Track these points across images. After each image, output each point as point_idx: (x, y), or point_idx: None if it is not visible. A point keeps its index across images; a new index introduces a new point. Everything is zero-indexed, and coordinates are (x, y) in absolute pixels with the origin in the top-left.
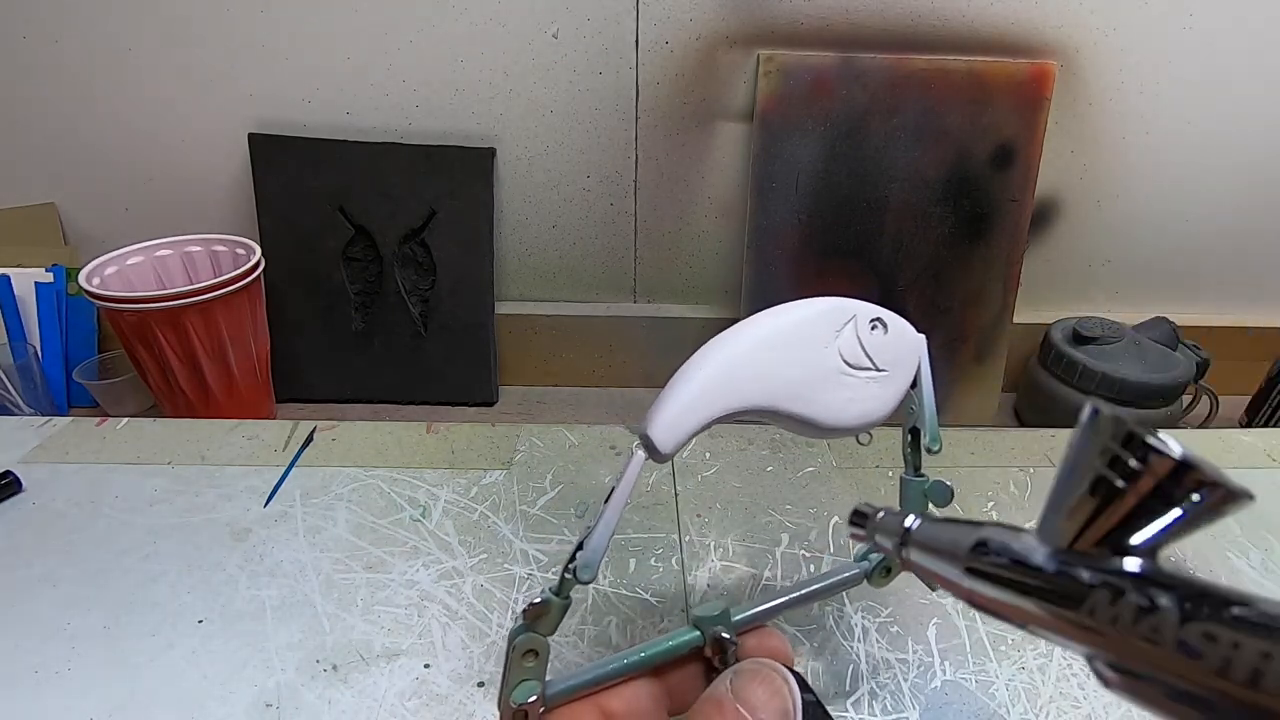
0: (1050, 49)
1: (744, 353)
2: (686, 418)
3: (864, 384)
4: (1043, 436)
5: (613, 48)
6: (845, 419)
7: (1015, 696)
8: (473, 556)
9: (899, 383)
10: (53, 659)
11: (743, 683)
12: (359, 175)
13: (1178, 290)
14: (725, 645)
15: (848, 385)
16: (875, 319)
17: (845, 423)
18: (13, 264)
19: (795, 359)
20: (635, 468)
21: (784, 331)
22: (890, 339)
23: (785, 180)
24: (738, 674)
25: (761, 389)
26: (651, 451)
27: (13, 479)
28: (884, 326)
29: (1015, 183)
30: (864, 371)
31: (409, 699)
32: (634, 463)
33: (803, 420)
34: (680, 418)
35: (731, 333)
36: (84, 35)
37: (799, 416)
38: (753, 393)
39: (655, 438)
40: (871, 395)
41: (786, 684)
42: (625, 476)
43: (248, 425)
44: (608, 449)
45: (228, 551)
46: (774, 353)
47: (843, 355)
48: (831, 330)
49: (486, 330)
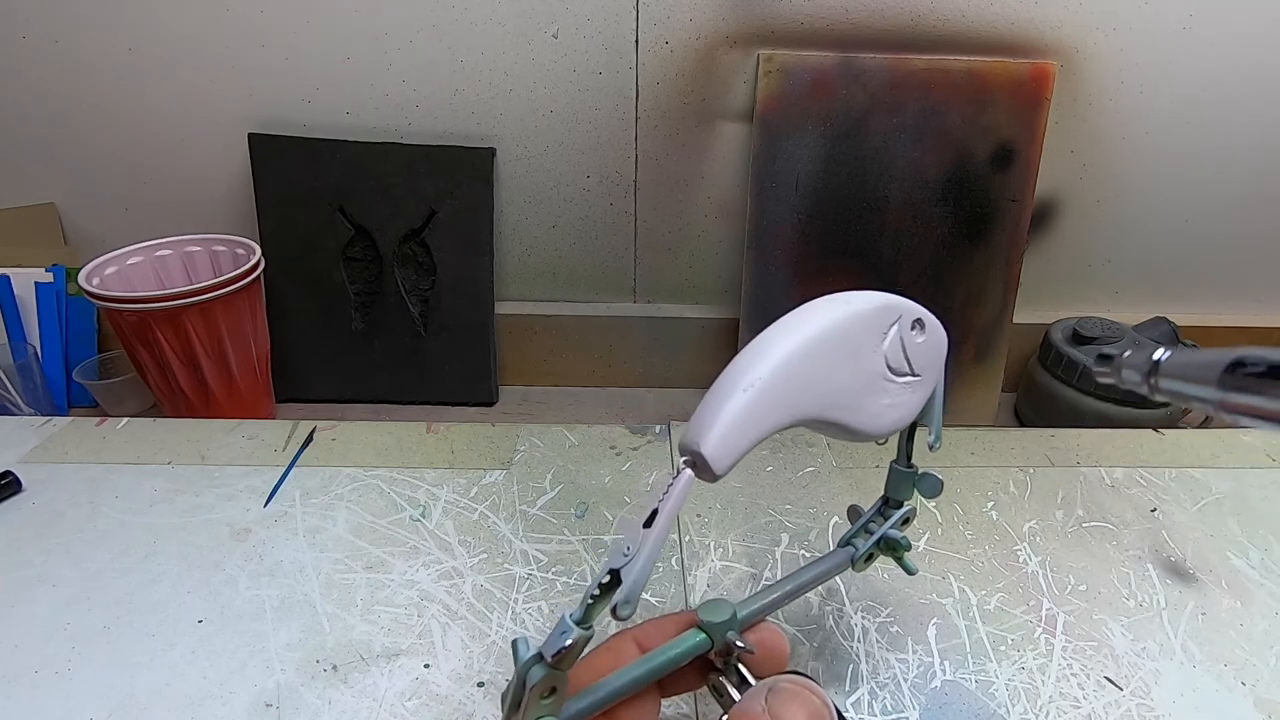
0: (1050, 49)
1: (798, 361)
2: (742, 435)
3: (901, 389)
4: (1043, 436)
5: (613, 48)
6: (882, 426)
7: (1015, 696)
8: (473, 556)
9: (929, 386)
10: (53, 659)
11: (780, 702)
12: (359, 175)
13: (1178, 290)
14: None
15: (889, 391)
16: (917, 319)
17: (881, 430)
18: (13, 264)
19: (846, 365)
20: (683, 489)
21: (836, 335)
22: (927, 341)
23: (785, 180)
24: (774, 693)
25: (814, 400)
26: (702, 471)
27: (13, 479)
28: (923, 327)
29: (1015, 183)
30: (903, 378)
31: (409, 699)
32: (681, 483)
33: (843, 427)
34: (735, 434)
35: (781, 335)
36: (84, 35)
37: (843, 425)
38: (805, 404)
39: (710, 455)
40: (905, 402)
41: (827, 708)
42: (671, 499)
43: (248, 425)
44: (608, 449)
45: (228, 551)
46: (826, 359)
47: (887, 361)
48: (879, 333)
49: (486, 330)
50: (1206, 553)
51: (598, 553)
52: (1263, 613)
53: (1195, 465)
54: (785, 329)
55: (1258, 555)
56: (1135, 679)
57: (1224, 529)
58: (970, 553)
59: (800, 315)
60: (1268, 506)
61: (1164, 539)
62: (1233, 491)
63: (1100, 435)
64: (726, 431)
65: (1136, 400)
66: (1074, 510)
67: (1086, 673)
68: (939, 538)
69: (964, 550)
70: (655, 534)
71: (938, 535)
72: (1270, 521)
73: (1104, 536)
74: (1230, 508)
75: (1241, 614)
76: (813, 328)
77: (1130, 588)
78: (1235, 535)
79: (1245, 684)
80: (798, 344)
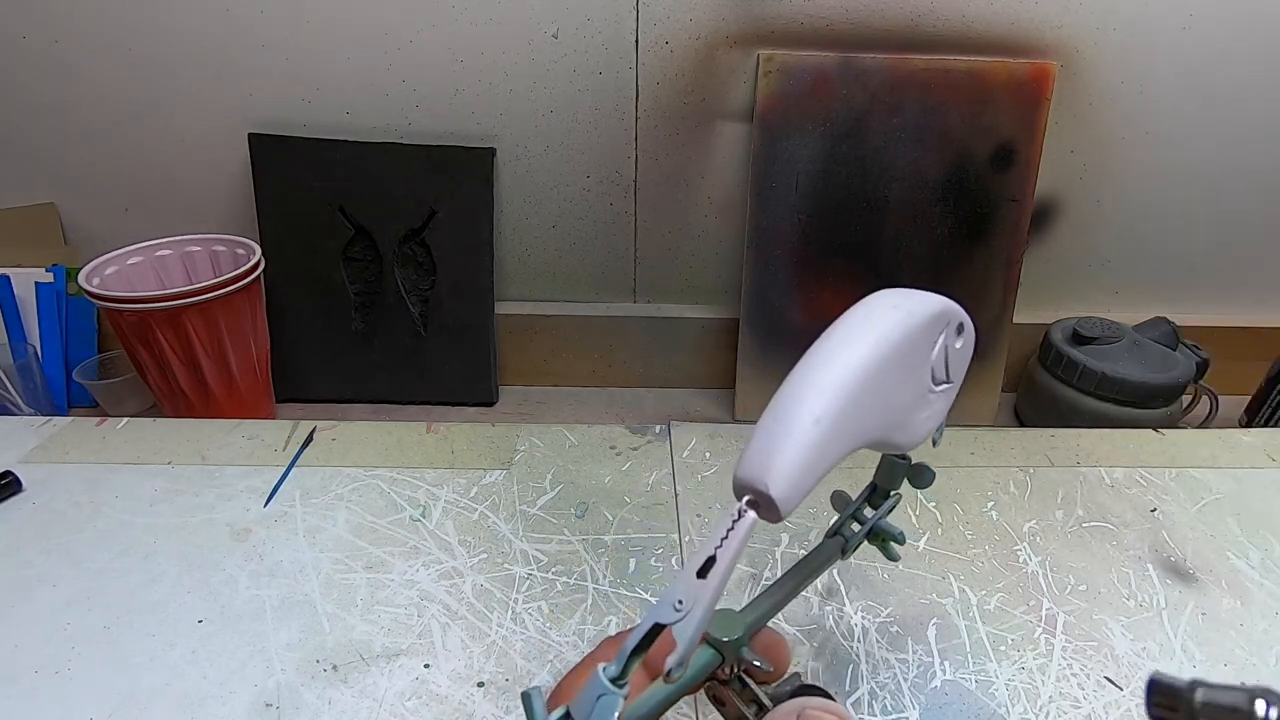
0: (1050, 49)
1: (866, 382)
2: (811, 473)
3: (937, 398)
4: (1043, 436)
5: (613, 48)
6: (919, 438)
7: (1015, 696)
8: (473, 556)
9: (955, 391)
10: (53, 659)
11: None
12: (359, 175)
13: (1178, 290)
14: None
15: (929, 403)
16: (960, 323)
17: (918, 442)
18: (13, 264)
19: (905, 382)
20: (745, 534)
21: (899, 350)
22: (964, 345)
23: (785, 180)
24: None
25: (876, 423)
26: (767, 512)
27: (13, 479)
28: (962, 331)
29: (1015, 183)
30: (941, 386)
31: (409, 699)
32: (743, 528)
33: (890, 445)
34: (806, 473)
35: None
36: (84, 35)
37: (892, 444)
38: (868, 429)
39: (780, 498)
40: (939, 410)
41: None
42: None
43: (248, 425)
44: (608, 449)
45: (228, 551)
46: (890, 378)
47: (933, 371)
48: (931, 343)
49: (486, 330)
50: (1206, 553)
51: (598, 552)
52: (1263, 613)
53: (1195, 465)
54: (847, 343)
55: (1258, 555)
56: (1135, 679)
57: (1224, 529)
58: (970, 553)
59: (860, 326)
60: (1268, 506)
61: (1164, 539)
62: (1233, 491)
63: (1100, 435)
64: (799, 472)
65: (1136, 400)
66: (1074, 510)
67: (1086, 673)
68: (939, 538)
69: (964, 550)
70: (713, 586)
71: (938, 535)
72: (1270, 521)
73: (1104, 536)
74: (1230, 508)
75: (1241, 614)
76: (877, 344)
77: (1130, 588)
78: (1235, 535)
79: (1245, 684)
80: (865, 363)
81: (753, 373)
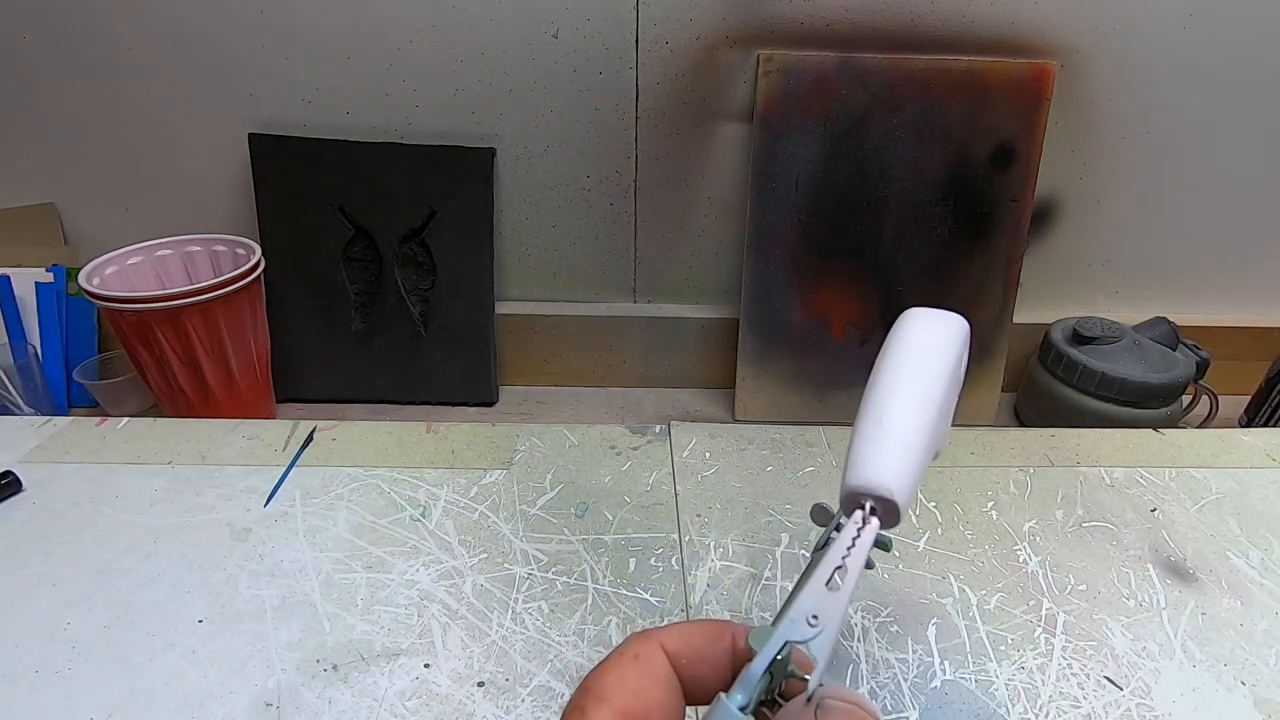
0: (1050, 49)
1: (943, 394)
2: (918, 476)
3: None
4: (1043, 436)
5: (613, 48)
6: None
7: (1015, 696)
8: (473, 556)
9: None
10: (53, 659)
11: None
12: (359, 175)
13: (1178, 290)
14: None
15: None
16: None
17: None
18: (13, 264)
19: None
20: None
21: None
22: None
23: (785, 180)
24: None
25: (941, 431)
26: (888, 517)
27: (13, 479)
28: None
29: (1015, 183)
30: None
31: (409, 699)
32: (868, 536)
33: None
34: (916, 476)
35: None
36: (84, 35)
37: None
38: (938, 435)
39: (901, 501)
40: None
41: None
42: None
43: (248, 425)
44: (608, 449)
45: (228, 551)
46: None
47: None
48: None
49: (486, 330)
50: (1206, 553)
51: (598, 552)
52: (1263, 613)
53: (1195, 465)
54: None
55: (1258, 555)
56: (1135, 679)
57: (1224, 529)
58: (970, 553)
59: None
60: (1268, 506)
61: (1164, 539)
62: (1233, 491)
63: (1100, 435)
64: (913, 476)
65: (1136, 400)
66: (1074, 510)
67: (1086, 673)
68: (939, 538)
69: (964, 550)
70: (845, 597)
71: (938, 535)
72: (1270, 521)
73: (1104, 536)
74: (1230, 508)
75: (1241, 614)
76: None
77: (1130, 588)
78: (1235, 535)
79: (1245, 684)
80: (943, 375)
81: (753, 373)
